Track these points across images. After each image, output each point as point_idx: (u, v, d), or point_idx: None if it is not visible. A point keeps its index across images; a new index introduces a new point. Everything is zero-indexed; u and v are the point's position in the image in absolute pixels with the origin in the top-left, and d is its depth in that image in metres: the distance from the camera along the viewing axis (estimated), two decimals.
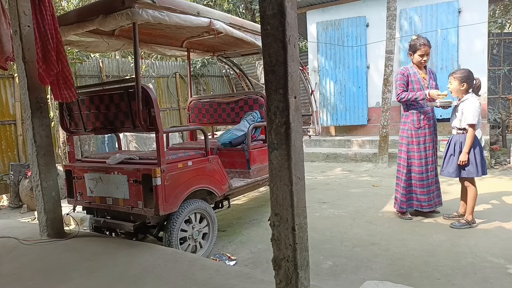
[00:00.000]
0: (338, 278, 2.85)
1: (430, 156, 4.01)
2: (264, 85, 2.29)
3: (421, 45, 3.90)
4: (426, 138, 4.00)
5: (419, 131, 3.99)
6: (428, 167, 4.00)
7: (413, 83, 3.97)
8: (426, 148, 3.99)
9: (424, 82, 3.97)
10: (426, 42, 3.92)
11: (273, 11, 1.77)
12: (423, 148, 3.99)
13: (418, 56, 3.93)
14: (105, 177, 3.28)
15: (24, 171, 6.15)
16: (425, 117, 3.99)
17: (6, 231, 3.70)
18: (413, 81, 3.97)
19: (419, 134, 3.99)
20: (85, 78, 8.35)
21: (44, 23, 2.97)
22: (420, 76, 3.99)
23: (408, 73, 3.98)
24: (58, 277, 2.65)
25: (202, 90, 11.47)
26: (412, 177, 4.03)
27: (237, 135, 4.18)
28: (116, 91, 3.20)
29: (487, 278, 2.70)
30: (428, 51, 3.93)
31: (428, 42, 3.93)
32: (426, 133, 4.00)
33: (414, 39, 4.02)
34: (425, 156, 3.99)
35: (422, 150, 3.99)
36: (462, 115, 3.66)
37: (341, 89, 8.85)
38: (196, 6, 3.46)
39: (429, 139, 4.01)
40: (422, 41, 3.92)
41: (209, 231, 3.50)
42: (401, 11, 7.88)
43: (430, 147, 4.01)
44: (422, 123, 3.98)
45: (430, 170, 4.00)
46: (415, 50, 3.94)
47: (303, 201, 1.91)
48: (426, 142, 4.00)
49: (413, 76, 3.97)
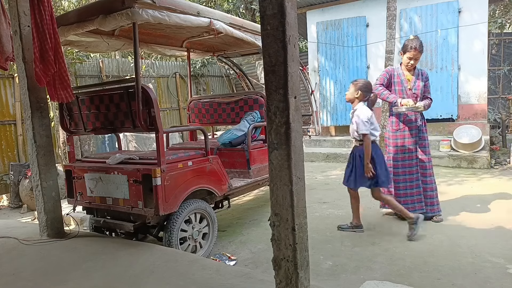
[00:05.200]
0: (338, 278, 2.85)
1: (408, 159, 3.92)
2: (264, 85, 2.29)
3: (411, 48, 3.75)
4: (405, 141, 3.91)
5: (397, 133, 3.95)
6: (405, 170, 3.92)
7: (395, 84, 3.93)
8: (405, 150, 3.92)
9: (407, 84, 3.89)
10: (417, 47, 3.74)
11: (273, 11, 1.77)
12: (400, 150, 3.93)
13: (406, 58, 3.82)
14: (105, 177, 3.28)
15: (24, 171, 6.15)
16: (404, 120, 3.91)
17: (6, 231, 3.70)
18: (396, 82, 3.92)
19: (397, 136, 3.95)
20: (85, 78, 8.34)
21: (42, 23, 2.97)
22: (405, 78, 3.91)
23: (392, 73, 3.94)
24: (58, 277, 2.65)
25: (202, 90, 11.47)
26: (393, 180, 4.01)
27: (237, 135, 4.18)
28: (116, 91, 3.20)
29: (487, 278, 2.70)
30: (416, 56, 3.78)
31: (419, 47, 3.75)
32: (405, 136, 3.91)
33: (409, 39, 3.85)
34: (402, 159, 3.93)
35: (399, 152, 3.94)
36: (356, 125, 3.60)
37: (341, 89, 8.84)
38: (196, 6, 3.46)
39: (409, 142, 3.91)
40: (413, 44, 3.75)
41: (209, 231, 3.50)
42: (401, 11, 7.87)
43: (409, 150, 3.91)
44: (400, 126, 3.93)
45: (408, 173, 3.92)
46: (405, 51, 3.82)
47: (303, 201, 1.91)
48: (405, 144, 3.92)
49: (397, 77, 3.92)
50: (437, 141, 7.32)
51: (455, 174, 6.21)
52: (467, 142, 6.82)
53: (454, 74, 7.76)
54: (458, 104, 7.84)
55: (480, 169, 6.49)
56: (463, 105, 7.87)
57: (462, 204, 4.47)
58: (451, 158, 6.84)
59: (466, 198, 4.74)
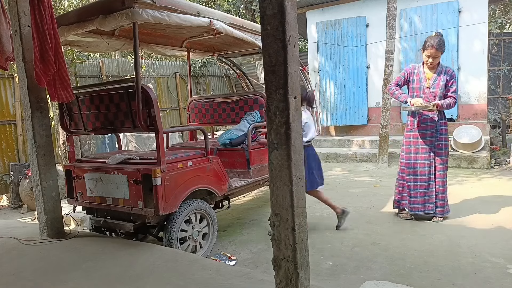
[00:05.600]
0: (338, 278, 2.85)
1: (421, 159, 3.91)
2: (264, 85, 2.29)
3: (429, 46, 3.72)
4: (419, 141, 3.92)
5: (410, 133, 3.97)
6: (417, 170, 3.93)
7: (413, 82, 3.92)
8: (418, 150, 3.92)
9: (425, 83, 3.86)
10: (435, 45, 3.68)
11: (273, 11, 1.77)
12: (413, 150, 3.94)
13: (425, 56, 3.80)
14: (105, 177, 3.28)
15: (24, 171, 6.15)
16: (419, 119, 3.91)
17: (6, 231, 3.70)
18: (414, 80, 3.91)
19: (410, 135, 3.97)
20: (85, 78, 8.34)
21: (42, 23, 2.97)
22: (424, 76, 3.88)
23: (412, 71, 3.93)
24: (58, 277, 2.65)
25: (202, 90, 11.47)
26: (402, 177, 4.03)
27: (237, 135, 4.18)
28: (116, 91, 3.20)
29: (487, 278, 2.70)
30: (434, 54, 3.72)
31: (437, 45, 3.69)
32: (418, 135, 3.92)
33: (429, 36, 3.80)
34: (414, 158, 3.93)
35: (411, 152, 3.95)
36: None
37: (341, 89, 8.85)
38: (196, 6, 3.46)
39: (422, 142, 3.91)
40: (431, 42, 3.71)
41: (209, 231, 3.50)
42: (401, 11, 7.87)
43: (423, 150, 3.91)
44: (415, 125, 3.93)
45: (420, 173, 3.92)
46: (424, 49, 3.80)
47: (303, 201, 1.91)
48: (418, 144, 3.92)
49: (416, 75, 3.90)
50: None
51: (455, 174, 6.21)
52: (467, 142, 6.83)
53: None
54: (458, 104, 7.82)
55: (480, 169, 6.49)
56: (463, 105, 7.87)
57: (462, 204, 4.47)
58: (451, 158, 6.82)
59: (466, 198, 4.74)
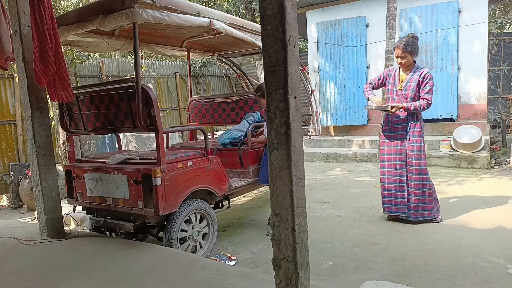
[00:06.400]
0: (338, 278, 2.84)
1: (393, 160, 3.89)
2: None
3: (395, 46, 3.81)
4: (391, 142, 3.92)
5: (384, 133, 3.99)
6: (390, 170, 3.92)
7: (389, 84, 3.96)
8: (391, 151, 3.92)
9: (398, 85, 3.86)
10: (401, 46, 3.69)
11: (273, 11, 1.77)
12: (387, 151, 3.95)
13: (395, 56, 3.84)
14: (105, 177, 3.28)
15: (24, 171, 6.15)
16: (391, 120, 3.91)
17: (6, 231, 3.70)
18: (390, 82, 3.94)
19: (385, 136, 3.98)
20: (85, 78, 8.34)
21: (42, 23, 2.97)
22: (399, 77, 3.88)
23: (389, 73, 3.97)
24: (58, 277, 2.65)
25: (202, 90, 11.47)
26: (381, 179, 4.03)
27: (237, 135, 4.18)
28: (116, 91, 3.20)
29: (487, 278, 2.70)
30: (400, 54, 3.70)
31: (404, 46, 3.68)
32: (391, 137, 3.92)
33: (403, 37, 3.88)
34: (388, 159, 3.94)
35: (385, 153, 3.96)
36: None
37: (341, 89, 8.85)
38: (196, 6, 3.46)
39: (393, 143, 3.90)
40: (398, 43, 3.76)
41: (209, 231, 3.50)
42: (401, 11, 7.87)
43: (394, 151, 3.89)
44: (388, 126, 3.94)
45: (391, 174, 3.91)
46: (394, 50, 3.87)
47: (303, 201, 1.91)
48: (391, 145, 3.92)
49: (392, 77, 3.93)
50: (437, 141, 7.33)
51: (455, 174, 6.21)
52: (467, 142, 6.83)
53: (454, 74, 7.76)
54: (458, 104, 7.84)
55: (480, 169, 6.49)
56: (463, 105, 7.87)
57: (462, 204, 4.46)
58: (451, 158, 6.84)
59: (466, 198, 4.74)
